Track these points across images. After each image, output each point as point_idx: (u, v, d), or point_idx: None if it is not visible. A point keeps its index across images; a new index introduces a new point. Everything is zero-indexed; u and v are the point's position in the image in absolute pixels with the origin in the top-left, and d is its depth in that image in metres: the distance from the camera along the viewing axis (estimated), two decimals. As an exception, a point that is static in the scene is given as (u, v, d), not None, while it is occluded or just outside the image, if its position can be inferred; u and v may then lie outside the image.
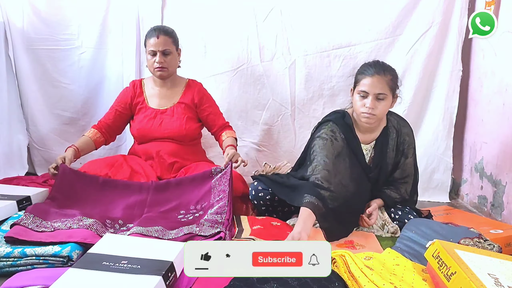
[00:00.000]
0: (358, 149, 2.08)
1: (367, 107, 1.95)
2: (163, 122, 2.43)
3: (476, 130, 2.73)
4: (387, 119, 2.14)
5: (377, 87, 1.94)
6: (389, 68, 2.01)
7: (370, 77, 1.95)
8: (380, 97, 1.95)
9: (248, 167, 2.92)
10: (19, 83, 2.87)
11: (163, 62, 2.38)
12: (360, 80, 1.98)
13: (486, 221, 2.28)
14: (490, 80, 2.56)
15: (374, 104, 1.95)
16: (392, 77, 1.99)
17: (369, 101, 1.94)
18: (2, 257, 1.57)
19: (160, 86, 2.50)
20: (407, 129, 2.16)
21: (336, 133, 2.05)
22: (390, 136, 2.12)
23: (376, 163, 2.12)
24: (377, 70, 1.96)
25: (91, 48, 2.89)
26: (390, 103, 2.01)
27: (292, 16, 2.80)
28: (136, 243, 1.62)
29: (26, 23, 2.82)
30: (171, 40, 2.41)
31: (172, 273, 1.44)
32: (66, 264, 1.60)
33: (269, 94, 2.88)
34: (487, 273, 1.36)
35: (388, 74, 1.98)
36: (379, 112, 1.97)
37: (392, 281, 1.45)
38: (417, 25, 2.73)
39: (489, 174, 2.53)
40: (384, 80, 1.95)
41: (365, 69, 2.00)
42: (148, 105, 2.47)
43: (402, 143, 2.14)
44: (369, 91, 1.94)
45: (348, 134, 2.06)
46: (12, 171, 2.79)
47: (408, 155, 2.15)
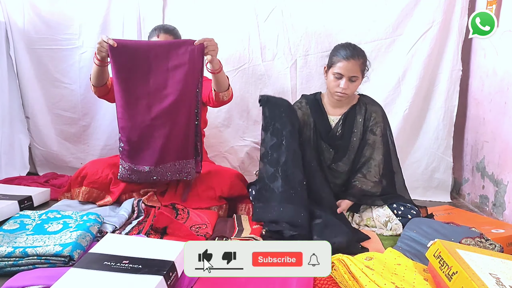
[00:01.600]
0: (324, 118, 2.31)
1: (341, 87, 2.16)
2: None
3: (477, 129, 2.73)
4: (358, 99, 2.32)
5: (351, 70, 2.14)
6: (361, 52, 2.20)
7: (346, 61, 2.14)
8: (353, 79, 2.16)
9: (250, 167, 2.95)
10: (20, 83, 2.88)
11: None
12: (336, 62, 2.17)
13: (487, 220, 2.28)
14: (492, 79, 2.56)
15: (348, 85, 2.16)
16: (363, 60, 2.19)
17: (343, 82, 2.15)
18: (4, 257, 1.57)
19: None
20: (375, 108, 2.31)
21: (302, 103, 2.35)
22: (358, 111, 2.29)
23: (342, 131, 2.28)
24: (351, 54, 2.15)
25: (92, 48, 2.88)
26: (359, 83, 2.22)
27: (293, 16, 2.80)
28: (138, 243, 1.62)
29: (27, 23, 2.83)
30: (172, 37, 2.39)
31: (173, 272, 1.45)
32: (67, 263, 1.60)
33: (270, 93, 2.86)
34: (488, 272, 1.36)
35: (361, 58, 2.17)
36: (350, 91, 2.19)
37: (393, 281, 1.45)
38: (417, 25, 2.73)
39: (490, 173, 2.53)
40: (357, 63, 2.15)
41: (340, 52, 2.18)
42: None
43: (369, 119, 2.28)
44: (344, 74, 2.15)
45: (314, 106, 2.33)
46: (14, 171, 2.80)
47: (376, 132, 2.26)
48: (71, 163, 3.00)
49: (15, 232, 1.77)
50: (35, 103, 2.93)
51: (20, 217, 1.88)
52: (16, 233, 1.75)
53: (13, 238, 1.71)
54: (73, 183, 2.30)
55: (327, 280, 1.52)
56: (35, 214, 1.93)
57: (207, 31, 2.84)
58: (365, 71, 2.22)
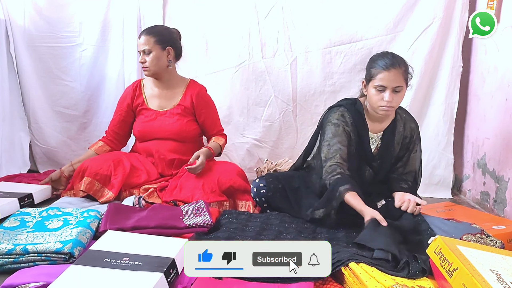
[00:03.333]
0: (366, 137, 2.09)
1: (386, 100, 1.96)
2: (163, 124, 2.42)
3: (478, 126, 2.72)
4: (396, 112, 2.15)
5: (394, 81, 1.95)
6: (401, 60, 2.02)
7: (387, 71, 1.95)
8: (397, 90, 1.97)
9: (250, 164, 2.95)
10: (21, 81, 2.88)
11: (143, 62, 2.36)
12: (376, 74, 1.97)
13: (488, 217, 2.27)
14: (493, 75, 2.55)
15: (392, 97, 1.96)
16: (405, 68, 2.01)
17: (388, 95, 1.95)
18: (4, 254, 1.57)
19: (159, 87, 2.48)
20: (413, 124, 2.17)
21: (346, 118, 2.08)
22: (398, 129, 2.13)
23: (381, 153, 2.13)
24: (391, 63, 1.96)
25: (92, 46, 2.89)
26: (404, 93, 2.03)
27: (293, 13, 2.79)
28: (138, 240, 1.62)
29: (28, 21, 2.82)
30: (154, 39, 2.36)
31: (173, 269, 1.45)
32: (67, 261, 1.60)
33: (271, 90, 2.88)
34: (489, 269, 1.36)
35: (402, 66, 1.99)
36: (396, 103, 2.00)
37: (393, 277, 1.45)
38: (418, 21, 2.72)
39: (491, 170, 2.52)
40: (399, 72, 1.96)
41: (378, 62, 1.99)
42: (148, 106, 2.46)
43: (407, 137, 2.14)
44: (387, 85, 1.95)
45: (358, 120, 2.08)
46: (14, 169, 2.80)
47: (413, 150, 2.15)
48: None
49: (16, 229, 1.77)
50: (36, 101, 2.92)
51: (20, 215, 1.89)
52: (16, 231, 1.76)
53: (13, 235, 1.71)
54: (75, 180, 2.31)
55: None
56: (35, 211, 1.93)
57: (207, 29, 2.85)
58: (408, 79, 2.04)
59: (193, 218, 1.93)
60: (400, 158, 2.17)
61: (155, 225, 1.87)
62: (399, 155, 2.16)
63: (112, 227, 1.79)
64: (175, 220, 1.91)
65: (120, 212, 1.97)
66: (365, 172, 2.14)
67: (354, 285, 1.46)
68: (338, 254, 1.58)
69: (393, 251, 1.57)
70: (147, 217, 1.94)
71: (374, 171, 2.15)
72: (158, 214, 1.99)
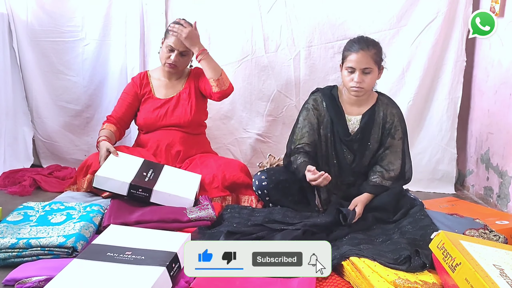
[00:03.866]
0: (341, 119, 2.17)
1: (355, 81, 2.06)
2: (169, 110, 2.44)
3: (482, 121, 2.71)
4: (377, 98, 2.21)
5: (362, 62, 2.05)
6: (372, 43, 2.11)
7: (355, 53, 2.06)
8: (366, 71, 2.06)
9: (253, 158, 2.94)
10: (24, 75, 2.87)
11: (177, 61, 2.39)
12: (347, 56, 2.09)
13: (491, 212, 2.27)
14: (497, 70, 2.54)
15: (361, 78, 2.06)
16: (376, 50, 2.09)
17: (356, 75, 2.05)
18: (8, 248, 1.58)
19: (166, 77, 2.52)
20: (395, 110, 2.21)
21: (318, 102, 2.20)
22: (377, 113, 2.18)
23: (359, 133, 2.16)
24: (361, 46, 2.07)
25: (95, 40, 2.88)
26: (376, 75, 2.12)
27: (296, 7, 2.78)
28: (141, 234, 1.63)
29: (30, 15, 2.82)
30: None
31: (176, 264, 1.45)
32: (70, 255, 1.61)
33: (274, 85, 2.87)
34: (492, 264, 1.36)
35: (372, 48, 2.08)
36: (366, 85, 2.08)
37: (396, 272, 1.45)
38: (422, 16, 2.70)
39: (495, 165, 2.52)
40: (368, 54, 2.06)
41: (350, 45, 2.11)
42: (155, 95, 2.49)
43: (388, 122, 2.17)
44: (356, 67, 2.05)
45: (331, 104, 2.18)
46: (18, 163, 2.80)
47: (395, 136, 2.17)
48: (75, 155, 3.00)
49: (19, 223, 1.78)
50: (38, 95, 2.92)
51: (23, 209, 1.89)
52: (19, 225, 1.76)
53: (16, 229, 1.72)
54: (79, 175, 2.32)
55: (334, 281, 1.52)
56: (38, 205, 1.93)
57: (210, 23, 2.83)
58: (381, 62, 2.12)
59: (196, 212, 1.94)
60: (382, 144, 2.18)
61: (158, 219, 1.87)
62: (382, 141, 2.17)
63: (115, 221, 1.80)
64: (179, 214, 1.92)
65: (123, 206, 1.98)
66: (344, 155, 2.18)
67: (357, 280, 1.47)
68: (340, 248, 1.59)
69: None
70: (150, 211, 1.94)
71: (353, 154, 2.17)
72: (161, 208, 1.99)
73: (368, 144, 2.16)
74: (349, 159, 2.18)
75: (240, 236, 1.72)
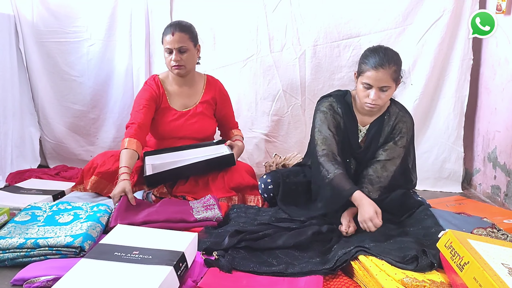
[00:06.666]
0: (354, 128, 2.08)
1: (371, 98, 1.92)
2: (185, 124, 2.40)
3: (489, 119, 2.70)
4: (388, 107, 2.09)
5: (381, 81, 1.90)
6: (393, 58, 1.93)
7: (375, 70, 1.89)
8: (383, 89, 1.92)
9: (258, 158, 2.94)
10: (30, 76, 2.89)
11: (179, 60, 2.29)
12: (364, 71, 1.93)
13: (499, 211, 2.26)
14: (504, 68, 2.52)
15: (378, 96, 1.92)
16: (396, 67, 1.93)
17: (373, 93, 1.91)
18: (16, 248, 1.59)
19: (180, 85, 2.43)
20: (405, 119, 2.08)
21: (334, 108, 2.08)
22: (386, 123, 2.07)
23: (367, 145, 2.08)
24: (381, 62, 1.89)
25: (100, 41, 2.90)
26: (393, 91, 1.98)
27: (301, 6, 2.78)
28: (148, 234, 1.63)
29: (36, 16, 2.84)
30: (188, 36, 2.31)
31: (183, 263, 1.45)
32: (78, 254, 1.61)
33: (279, 85, 2.87)
34: (500, 263, 1.35)
35: (392, 65, 1.91)
36: (382, 101, 1.95)
37: (403, 271, 1.45)
38: (428, 14, 2.69)
39: (502, 163, 2.50)
40: (388, 73, 1.89)
41: (369, 58, 1.94)
42: (170, 105, 2.40)
43: (397, 131, 2.06)
44: (374, 84, 1.91)
45: (346, 111, 2.08)
46: (25, 164, 2.82)
47: (398, 143, 2.05)
48: (81, 156, 3.02)
49: (27, 223, 1.78)
50: (44, 96, 2.94)
51: (31, 209, 1.90)
52: (27, 225, 1.77)
53: (24, 229, 1.73)
54: (85, 175, 2.32)
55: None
56: (46, 205, 1.94)
57: (215, 23, 2.84)
58: (399, 78, 1.97)
59: (203, 212, 1.94)
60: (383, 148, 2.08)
61: (165, 219, 1.87)
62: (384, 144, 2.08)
63: (122, 222, 1.80)
64: (185, 214, 1.92)
65: (130, 207, 1.98)
66: (350, 164, 2.11)
67: (364, 278, 1.46)
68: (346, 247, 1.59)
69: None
70: (157, 211, 1.94)
71: (358, 163, 2.11)
72: (168, 208, 1.99)
73: (375, 154, 2.08)
74: (353, 168, 2.13)
75: (246, 235, 1.72)
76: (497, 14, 2.45)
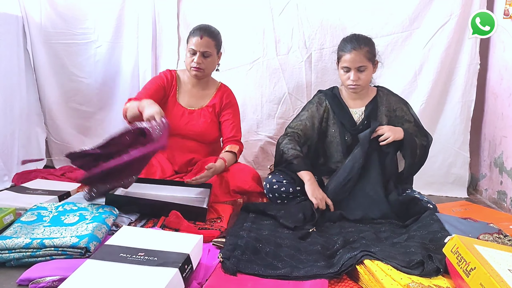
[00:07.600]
0: (344, 111, 2.31)
1: (351, 79, 2.19)
2: (189, 124, 2.40)
3: (495, 124, 2.69)
4: (377, 90, 2.34)
5: (356, 61, 2.17)
6: (364, 41, 2.21)
7: (349, 53, 2.18)
8: (361, 69, 2.19)
9: (263, 161, 2.95)
10: (37, 77, 2.91)
11: (201, 63, 2.32)
12: (341, 56, 2.22)
13: (505, 216, 2.25)
14: (511, 73, 2.51)
15: (357, 76, 2.19)
16: (369, 48, 2.20)
17: (352, 74, 2.19)
18: (22, 248, 1.59)
19: (193, 85, 2.46)
20: (396, 97, 2.34)
21: (321, 100, 2.36)
22: (380, 102, 2.31)
23: (367, 121, 2.26)
24: (353, 45, 2.18)
25: (107, 42, 2.91)
26: (371, 71, 2.24)
27: (308, 10, 2.78)
28: (153, 236, 1.63)
29: (44, 18, 2.85)
30: (214, 42, 2.36)
31: (188, 265, 1.45)
32: (84, 255, 1.61)
33: (285, 87, 2.87)
34: (507, 269, 1.34)
35: (364, 46, 2.19)
36: (362, 81, 2.21)
37: (409, 276, 1.44)
38: (435, 18, 2.69)
39: (509, 169, 2.49)
40: (361, 53, 2.17)
41: (343, 45, 2.23)
42: (178, 101, 2.43)
43: (396, 110, 2.31)
44: (350, 66, 2.18)
45: (333, 101, 2.33)
46: (31, 164, 2.82)
47: (409, 119, 2.30)
48: (87, 157, 3.02)
49: (33, 223, 1.79)
50: (51, 97, 2.95)
51: (37, 209, 1.90)
52: (33, 225, 1.77)
53: (30, 229, 1.73)
54: None
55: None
56: (52, 206, 1.94)
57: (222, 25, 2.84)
58: (374, 58, 2.23)
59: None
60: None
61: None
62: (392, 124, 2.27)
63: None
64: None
65: None
66: (345, 137, 2.29)
67: (370, 283, 1.46)
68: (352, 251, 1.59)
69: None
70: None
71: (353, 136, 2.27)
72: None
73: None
74: (348, 140, 2.28)
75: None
76: (505, 19, 2.44)
